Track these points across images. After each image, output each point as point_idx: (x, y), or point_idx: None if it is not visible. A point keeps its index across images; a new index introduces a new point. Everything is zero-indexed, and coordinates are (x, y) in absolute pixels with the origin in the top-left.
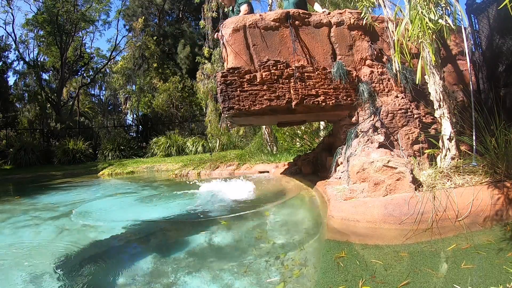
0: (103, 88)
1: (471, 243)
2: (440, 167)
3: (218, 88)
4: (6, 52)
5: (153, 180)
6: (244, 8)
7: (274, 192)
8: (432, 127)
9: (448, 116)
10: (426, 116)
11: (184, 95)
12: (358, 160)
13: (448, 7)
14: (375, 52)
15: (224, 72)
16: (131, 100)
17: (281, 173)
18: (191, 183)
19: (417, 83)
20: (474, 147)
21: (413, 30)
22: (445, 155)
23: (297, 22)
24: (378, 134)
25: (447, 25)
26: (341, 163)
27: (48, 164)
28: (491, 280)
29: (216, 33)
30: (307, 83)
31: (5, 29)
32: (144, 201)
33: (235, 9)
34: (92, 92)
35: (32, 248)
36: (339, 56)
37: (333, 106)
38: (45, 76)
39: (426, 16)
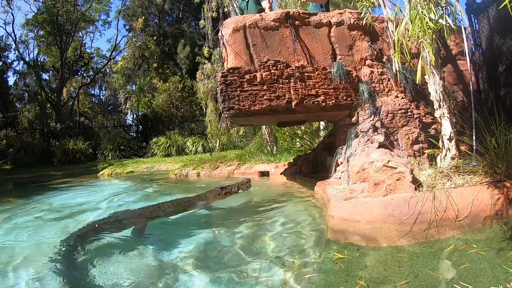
0: (103, 88)
1: (471, 243)
2: (440, 167)
3: (218, 88)
4: (6, 52)
5: (152, 180)
6: (266, 4)
7: None
8: (432, 127)
9: (448, 116)
10: (426, 116)
11: (184, 95)
12: (358, 160)
13: (448, 7)
14: (375, 52)
15: (224, 72)
16: (131, 100)
17: (281, 173)
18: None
19: (417, 83)
20: (474, 147)
21: (413, 30)
22: (445, 155)
23: (297, 22)
24: (378, 134)
25: (447, 25)
26: (341, 163)
27: (48, 164)
28: (491, 280)
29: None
30: (307, 83)
31: (5, 29)
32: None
33: (249, 2)
34: (92, 92)
35: (31, 247)
36: (339, 56)
37: (333, 106)
38: (45, 76)
39: (426, 16)
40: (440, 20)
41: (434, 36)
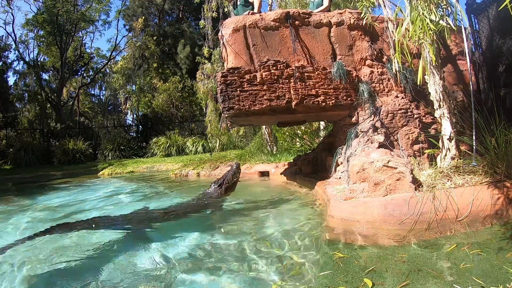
0: (103, 88)
1: (471, 243)
2: (440, 167)
3: (218, 88)
4: (6, 52)
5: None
6: (256, 2)
7: None
8: (432, 127)
9: (448, 116)
10: (426, 116)
11: (184, 95)
12: (358, 160)
13: (448, 8)
14: (375, 52)
15: (224, 72)
16: (131, 100)
17: (281, 173)
18: None
19: (418, 83)
20: (474, 147)
21: (414, 31)
22: (445, 155)
23: (297, 22)
24: (378, 134)
25: (448, 26)
26: (341, 163)
27: (48, 164)
28: (491, 280)
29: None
30: (307, 83)
31: (5, 29)
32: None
33: (238, 4)
34: (92, 92)
35: (28, 247)
36: (339, 56)
37: (333, 106)
38: (45, 76)
39: (427, 17)
40: (441, 22)
41: (434, 36)
